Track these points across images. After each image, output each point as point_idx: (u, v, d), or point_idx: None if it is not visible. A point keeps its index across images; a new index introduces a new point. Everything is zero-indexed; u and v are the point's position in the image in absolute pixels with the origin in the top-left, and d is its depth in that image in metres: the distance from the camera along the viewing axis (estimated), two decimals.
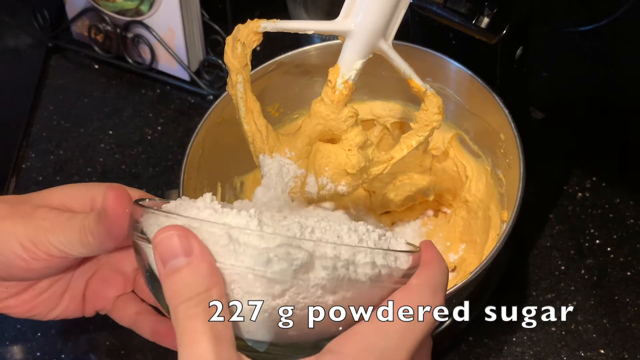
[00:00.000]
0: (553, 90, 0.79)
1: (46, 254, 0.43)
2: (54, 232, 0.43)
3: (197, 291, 0.32)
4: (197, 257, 0.33)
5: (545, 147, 0.74)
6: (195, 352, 0.31)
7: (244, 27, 0.51)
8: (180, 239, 0.33)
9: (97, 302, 0.49)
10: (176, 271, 0.33)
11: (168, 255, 0.33)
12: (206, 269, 0.33)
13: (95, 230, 0.42)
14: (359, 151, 0.55)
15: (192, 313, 0.32)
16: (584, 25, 0.77)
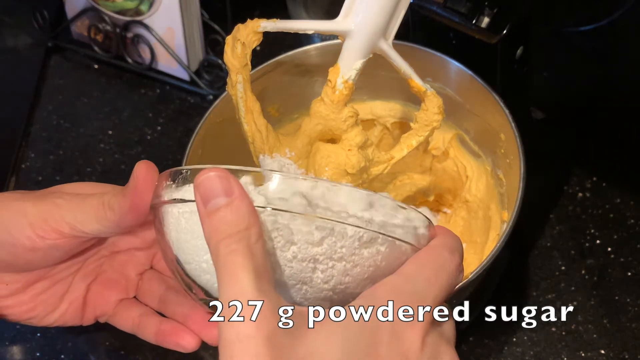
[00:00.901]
0: (553, 90, 0.79)
1: (56, 231, 0.43)
2: (68, 209, 0.43)
3: (238, 229, 0.33)
4: (238, 197, 0.34)
5: (545, 147, 0.74)
6: (236, 285, 0.32)
7: (243, 27, 0.51)
8: (221, 179, 0.34)
9: (98, 307, 0.49)
10: (217, 210, 0.34)
11: (209, 195, 0.34)
12: (246, 208, 0.34)
13: (116, 205, 0.42)
14: (359, 151, 0.55)
15: (234, 249, 0.33)
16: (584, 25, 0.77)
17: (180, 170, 0.39)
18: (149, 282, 0.49)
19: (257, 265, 0.33)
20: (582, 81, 0.79)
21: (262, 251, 0.34)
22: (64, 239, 0.44)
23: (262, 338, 0.31)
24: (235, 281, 0.32)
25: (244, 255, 0.33)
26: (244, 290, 0.32)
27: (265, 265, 0.34)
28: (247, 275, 0.32)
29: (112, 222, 0.43)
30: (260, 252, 0.34)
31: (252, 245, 0.34)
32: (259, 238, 0.34)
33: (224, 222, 0.34)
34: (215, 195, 0.34)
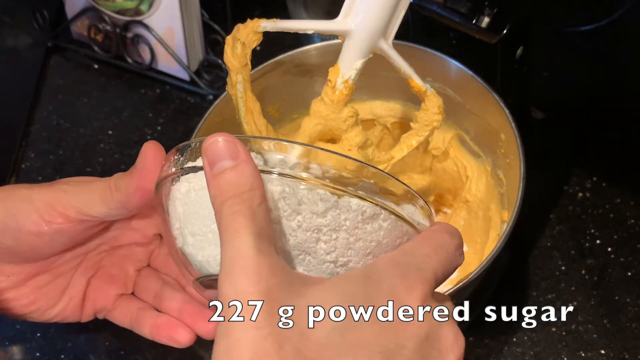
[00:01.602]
0: (553, 90, 0.79)
1: (62, 215, 0.44)
2: (74, 193, 0.44)
3: (242, 190, 0.34)
4: (243, 161, 0.35)
5: (545, 147, 0.74)
6: (236, 245, 0.33)
7: (243, 27, 0.51)
8: (228, 143, 0.35)
9: (98, 301, 0.50)
10: (223, 172, 0.35)
11: (216, 157, 0.35)
12: (251, 171, 0.35)
13: (123, 185, 0.43)
14: (359, 151, 0.55)
15: (237, 209, 0.34)
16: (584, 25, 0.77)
17: (189, 143, 0.39)
18: (146, 278, 0.50)
19: (259, 227, 0.34)
20: (582, 81, 0.79)
21: (264, 214, 0.34)
22: (70, 224, 0.45)
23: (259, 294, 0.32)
24: (237, 241, 0.33)
25: (246, 216, 0.33)
26: (244, 249, 0.33)
27: (267, 228, 0.34)
28: (247, 236, 0.33)
29: (118, 203, 0.44)
30: (262, 215, 0.34)
31: (255, 207, 0.34)
32: (262, 201, 0.35)
33: (228, 183, 0.34)
34: (221, 158, 0.35)
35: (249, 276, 0.32)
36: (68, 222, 0.45)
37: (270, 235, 0.34)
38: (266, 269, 0.32)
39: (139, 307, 0.49)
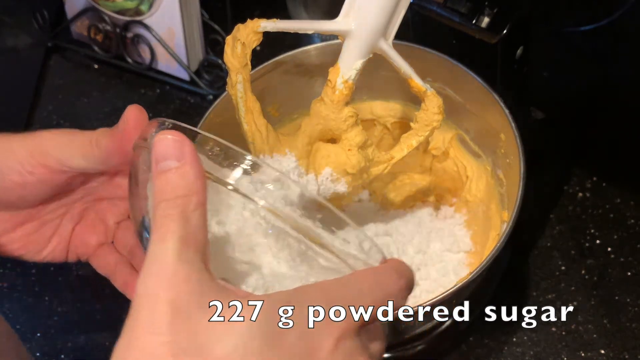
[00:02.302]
0: (553, 90, 0.79)
1: (43, 166, 0.46)
2: (55, 146, 0.46)
3: (179, 193, 0.34)
4: (187, 163, 0.35)
5: (545, 147, 0.74)
6: (160, 248, 0.33)
7: (243, 27, 0.51)
8: (175, 143, 0.35)
9: (80, 247, 0.52)
10: (166, 171, 0.35)
11: (161, 155, 0.35)
12: (193, 176, 0.35)
13: (104, 144, 0.44)
14: (359, 151, 0.55)
15: (169, 213, 0.34)
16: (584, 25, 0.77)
17: (165, 121, 0.40)
18: (124, 231, 0.51)
19: (187, 233, 0.33)
20: (582, 81, 0.79)
21: (198, 220, 0.34)
22: (52, 174, 0.46)
23: (167, 300, 0.31)
24: (161, 245, 0.33)
25: (176, 221, 0.34)
26: (165, 254, 0.33)
27: (198, 234, 0.34)
28: (172, 242, 0.33)
29: (98, 159, 0.45)
30: (196, 221, 0.34)
31: (189, 212, 0.34)
32: (198, 207, 0.34)
33: (168, 184, 0.35)
34: (167, 157, 0.35)
35: (162, 281, 0.32)
36: (50, 173, 0.46)
37: (199, 243, 0.34)
38: (181, 277, 0.32)
39: (116, 260, 0.51)
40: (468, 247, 0.64)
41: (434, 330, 0.65)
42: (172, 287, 0.32)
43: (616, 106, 0.76)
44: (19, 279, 0.75)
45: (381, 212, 0.67)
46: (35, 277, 0.75)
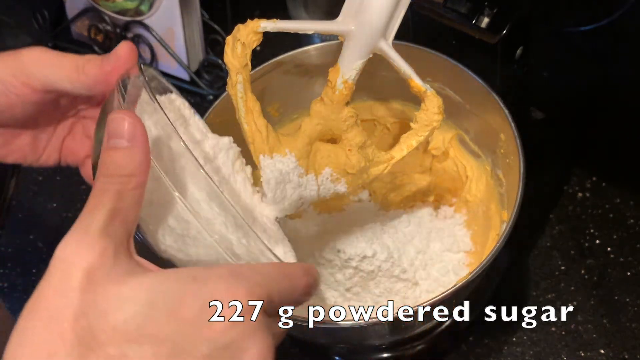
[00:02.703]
0: (553, 90, 0.79)
1: (27, 86, 0.47)
2: (39, 67, 0.47)
3: (121, 172, 0.36)
4: (136, 146, 0.36)
5: (545, 147, 0.74)
6: (87, 219, 0.35)
7: (244, 27, 0.51)
8: (130, 125, 0.37)
9: (70, 157, 0.55)
10: (115, 149, 0.37)
11: (114, 133, 0.37)
12: (139, 159, 0.36)
13: (92, 73, 0.46)
14: (359, 151, 0.55)
15: (107, 188, 0.36)
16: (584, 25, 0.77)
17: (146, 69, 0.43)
18: None
19: (118, 209, 0.35)
20: (582, 81, 0.79)
21: (133, 199, 0.36)
22: (37, 94, 0.48)
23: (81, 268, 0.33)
24: (90, 214, 0.35)
25: (110, 197, 0.35)
26: (91, 225, 0.34)
27: (128, 212, 0.36)
28: (101, 215, 0.34)
29: (83, 85, 0.47)
30: (130, 200, 0.36)
31: (127, 190, 0.36)
32: (136, 187, 0.36)
33: (113, 161, 0.36)
34: (119, 136, 0.37)
35: (81, 250, 0.33)
36: (34, 93, 0.48)
37: (128, 220, 0.36)
38: (100, 250, 0.34)
39: None
40: (468, 247, 0.64)
41: (434, 330, 0.65)
42: (88, 257, 0.33)
43: (616, 106, 0.76)
44: (19, 279, 0.75)
45: (381, 212, 0.67)
46: (36, 277, 0.76)
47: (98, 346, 0.32)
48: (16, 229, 0.80)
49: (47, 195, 0.82)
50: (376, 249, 0.60)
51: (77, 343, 0.32)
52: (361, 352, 0.67)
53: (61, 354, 0.31)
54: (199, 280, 0.34)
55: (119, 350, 0.32)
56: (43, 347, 0.32)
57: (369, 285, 0.60)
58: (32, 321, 0.33)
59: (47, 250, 0.78)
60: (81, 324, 0.32)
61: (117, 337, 0.32)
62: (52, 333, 0.32)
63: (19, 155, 0.53)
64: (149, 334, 0.32)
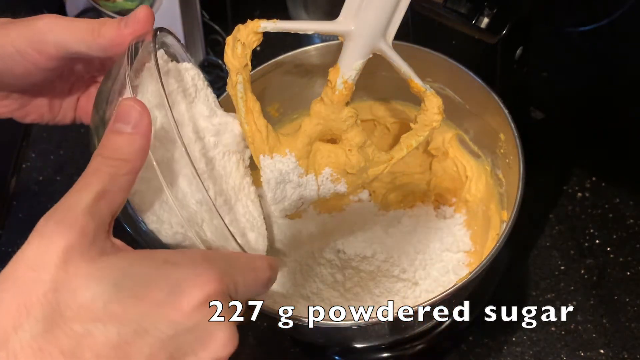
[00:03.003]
0: (553, 90, 0.79)
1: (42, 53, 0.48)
2: (55, 32, 0.48)
3: (117, 156, 0.37)
4: (138, 133, 0.37)
5: (545, 147, 0.74)
6: (74, 197, 0.35)
7: (244, 27, 0.51)
8: (137, 114, 0.37)
9: (84, 116, 0.56)
10: (118, 132, 0.37)
11: (120, 117, 0.37)
12: (138, 146, 0.37)
13: (108, 35, 0.47)
14: (358, 151, 0.55)
15: (100, 168, 0.36)
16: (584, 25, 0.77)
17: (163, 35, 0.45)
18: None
19: (106, 191, 0.36)
20: (582, 81, 0.79)
21: (124, 184, 0.37)
22: (52, 61, 0.48)
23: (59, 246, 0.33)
24: (77, 194, 0.35)
25: (101, 178, 0.36)
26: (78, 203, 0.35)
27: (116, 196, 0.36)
28: (88, 194, 0.35)
29: (99, 47, 0.47)
30: (121, 184, 0.36)
31: (119, 174, 0.36)
32: (130, 173, 0.37)
33: (113, 143, 0.37)
34: (125, 121, 0.37)
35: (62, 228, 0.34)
36: (50, 60, 0.48)
37: (114, 203, 0.36)
38: (78, 229, 0.34)
39: None
40: (468, 247, 0.64)
41: (434, 330, 0.65)
42: (67, 236, 0.34)
43: (616, 106, 0.76)
44: None
45: (381, 212, 0.67)
46: None
47: (64, 322, 0.32)
48: (16, 229, 0.80)
49: (47, 195, 0.82)
50: (376, 249, 0.60)
51: (42, 317, 0.32)
52: (361, 352, 0.67)
53: (26, 327, 0.32)
54: (170, 264, 0.35)
55: (84, 327, 0.32)
56: (9, 318, 0.32)
57: (368, 285, 0.60)
58: (2, 292, 0.33)
59: None
60: (49, 299, 0.32)
61: (83, 315, 0.32)
62: (19, 305, 0.32)
63: (37, 115, 0.54)
64: (114, 313, 0.33)
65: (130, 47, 0.44)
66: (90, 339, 0.32)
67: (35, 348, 0.32)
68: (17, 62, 0.48)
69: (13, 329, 0.32)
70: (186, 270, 0.35)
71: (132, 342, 0.33)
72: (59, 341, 0.32)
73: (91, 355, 0.32)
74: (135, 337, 0.33)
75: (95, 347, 0.32)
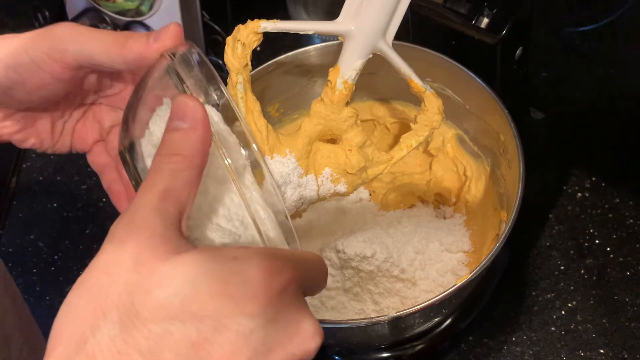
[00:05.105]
0: (553, 90, 0.79)
1: (60, 62, 0.47)
2: (74, 41, 0.47)
3: (176, 152, 0.36)
4: (195, 128, 0.37)
5: (545, 147, 0.74)
6: (141, 200, 0.35)
7: (244, 28, 0.51)
8: (192, 108, 0.37)
9: (79, 144, 0.55)
10: (175, 130, 0.37)
11: (177, 115, 0.37)
12: (196, 140, 0.37)
13: (135, 47, 0.46)
14: (358, 151, 0.55)
15: (161, 167, 0.36)
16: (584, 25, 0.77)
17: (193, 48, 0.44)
18: (115, 135, 0.54)
19: (170, 189, 0.35)
20: (582, 81, 0.79)
21: (186, 179, 0.36)
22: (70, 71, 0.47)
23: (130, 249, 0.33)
24: (144, 195, 0.35)
25: (163, 177, 0.36)
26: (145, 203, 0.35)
27: (181, 192, 0.36)
28: (154, 194, 0.35)
29: (124, 60, 0.47)
30: (183, 180, 0.36)
31: (180, 171, 0.36)
32: (191, 168, 0.36)
33: (171, 141, 0.37)
34: (181, 117, 0.37)
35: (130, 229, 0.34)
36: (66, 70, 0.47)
37: (180, 201, 0.36)
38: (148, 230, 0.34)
39: (104, 163, 0.54)
40: (467, 247, 0.64)
41: (434, 330, 0.65)
42: (137, 237, 0.34)
43: (616, 106, 0.76)
44: (19, 279, 0.76)
45: (381, 212, 0.67)
46: (36, 277, 0.76)
47: (141, 323, 0.32)
48: (16, 229, 0.81)
49: (47, 195, 0.82)
50: (376, 249, 0.60)
51: (119, 319, 0.32)
52: (361, 352, 0.67)
53: (103, 329, 0.32)
54: (240, 260, 0.34)
55: (162, 327, 0.32)
56: (86, 321, 0.32)
57: (368, 285, 0.60)
58: (78, 297, 0.33)
59: (47, 250, 0.78)
60: (124, 300, 0.32)
61: (159, 315, 0.32)
62: (95, 309, 0.32)
63: (37, 139, 0.53)
64: (191, 311, 0.32)
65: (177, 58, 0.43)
66: (169, 338, 0.32)
67: (114, 350, 0.31)
68: (32, 73, 0.47)
69: (91, 332, 0.32)
70: (257, 264, 0.34)
71: (212, 339, 0.32)
72: (137, 342, 0.32)
73: (171, 354, 0.32)
74: (215, 334, 0.32)
75: (175, 346, 0.32)
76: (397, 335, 0.62)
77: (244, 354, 0.32)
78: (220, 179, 0.40)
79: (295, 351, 0.34)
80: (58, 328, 0.33)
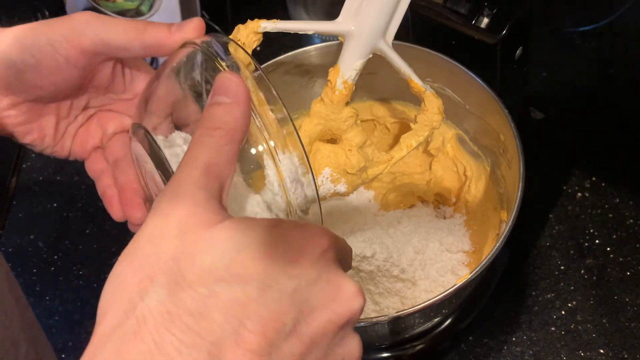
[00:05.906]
0: (553, 90, 0.79)
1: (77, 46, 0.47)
2: (93, 26, 0.47)
3: (219, 125, 0.37)
4: (237, 102, 0.38)
5: (545, 147, 0.74)
6: (183, 172, 0.36)
7: (244, 28, 0.51)
8: (234, 84, 0.38)
9: (78, 150, 0.55)
10: (217, 104, 0.38)
11: (218, 90, 0.38)
12: (237, 114, 0.38)
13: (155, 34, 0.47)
14: (358, 151, 0.55)
15: (202, 140, 0.36)
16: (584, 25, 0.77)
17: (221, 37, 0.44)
18: (116, 142, 0.54)
19: (212, 164, 0.36)
20: (582, 81, 0.79)
21: (228, 153, 0.37)
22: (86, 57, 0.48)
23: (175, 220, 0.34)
24: (187, 167, 0.36)
25: (206, 149, 0.36)
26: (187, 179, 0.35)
27: (223, 167, 0.36)
28: (196, 168, 0.36)
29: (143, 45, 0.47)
30: (225, 154, 0.36)
31: (221, 145, 0.36)
32: (231, 142, 0.37)
33: (214, 115, 0.37)
34: (223, 93, 0.38)
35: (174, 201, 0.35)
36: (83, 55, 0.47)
37: (222, 175, 0.36)
38: (191, 201, 0.35)
39: (102, 168, 0.54)
40: (467, 247, 0.64)
41: (434, 330, 0.65)
42: (181, 208, 0.34)
43: (616, 106, 0.76)
44: (19, 279, 0.75)
45: (381, 212, 0.67)
46: (36, 277, 0.76)
47: (188, 285, 0.33)
48: (16, 229, 0.81)
49: (47, 195, 0.82)
50: (376, 249, 0.60)
51: (166, 283, 0.32)
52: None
53: (151, 294, 0.32)
54: (280, 226, 0.35)
55: (208, 289, 0.33)
56: (134, 288, 0.33)
57: (368, 285, 0.60)
58: (125, 267, 0.34)
59: (47, 250, 0.78)
60: (170, 266, 0.33)
61: (205, 278, 0.33)
62: (142, 276, 0.33)
63: (39, 135, 0.53)
64: (236, 273, 0.33)
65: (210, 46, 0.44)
66: (216, 299, 0.32)
67: (163, 311, 0.32)
68: (48, 55, 0.47)
69: (139, 297, 0.32)
70: (297, 230, 0.36)
71: (257, 299, 0.33)
72: (185, 303, 0.32)
73: (218, 313, 0.32)
74: (261, 293, 0.33)
75: (222, 305, 0.32)
76: (397, 335, 0.62)
77: (290, 313, 0.33)
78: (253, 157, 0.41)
79: (339, 310, 0.35)
80: (106, 297, 0.33)
